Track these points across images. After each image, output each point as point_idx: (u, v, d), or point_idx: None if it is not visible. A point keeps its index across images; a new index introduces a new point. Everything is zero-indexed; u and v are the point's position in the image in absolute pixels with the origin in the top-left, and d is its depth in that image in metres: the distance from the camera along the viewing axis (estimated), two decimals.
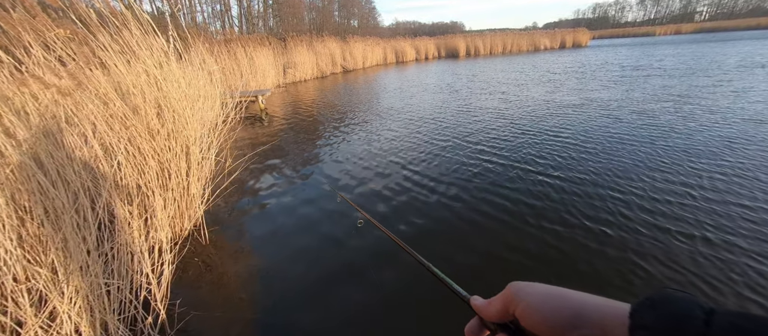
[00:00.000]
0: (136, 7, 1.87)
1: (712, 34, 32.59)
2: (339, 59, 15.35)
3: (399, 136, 4.36)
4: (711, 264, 1.68)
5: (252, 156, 3.63)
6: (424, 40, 24.15)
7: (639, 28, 57.01)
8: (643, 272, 1.65)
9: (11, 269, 1.15)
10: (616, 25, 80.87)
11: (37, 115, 1.45)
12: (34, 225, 1.28)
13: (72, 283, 1.21)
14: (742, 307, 1.43)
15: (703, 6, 71.81)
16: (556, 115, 4.81)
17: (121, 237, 1.48)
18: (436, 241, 2.04)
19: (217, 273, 1.87)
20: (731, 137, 3.44)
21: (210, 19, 18.17)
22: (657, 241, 1.86)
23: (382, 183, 2.89)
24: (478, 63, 16.31)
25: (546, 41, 25.77)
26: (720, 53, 12.44)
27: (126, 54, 1.83)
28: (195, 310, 1.59)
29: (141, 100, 1.84)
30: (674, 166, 2.81)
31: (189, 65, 2.27)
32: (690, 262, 1.70)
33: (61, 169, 1.40)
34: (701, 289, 1.53)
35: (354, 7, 29.21)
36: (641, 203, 2.26)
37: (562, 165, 2.99)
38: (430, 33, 43.22)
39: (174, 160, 1.98)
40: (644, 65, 10.32)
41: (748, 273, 1.60)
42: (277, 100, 8.14)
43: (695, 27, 46.48)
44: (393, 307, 1.55)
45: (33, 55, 1.53)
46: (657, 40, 27.82)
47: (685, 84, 6.65)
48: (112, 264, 1.43)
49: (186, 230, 2.17)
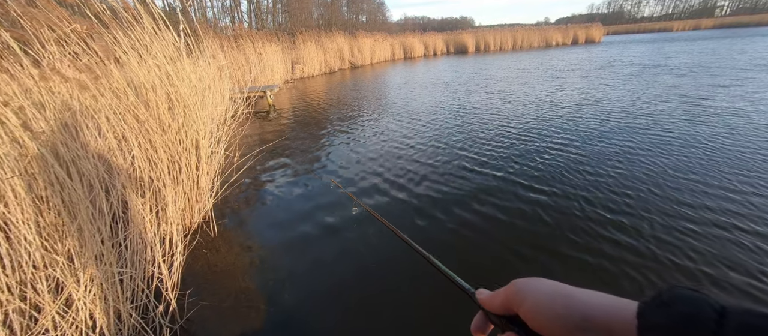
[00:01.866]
0: (150, 3, 1.90)
1: (733, 30, 31.27)
2: (347, 55, 15.33)
3: (406, 132, 4.35)
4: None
5: (260, 151, 3.68)
6: (432, 35, 23.91)
7: (656, 23, 55.07)
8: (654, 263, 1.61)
9: (31, 256, 1.20)
10: (632, 20, 78.37)
11: (54, 108, 1.50)
12: (51, 214, 1.32)
13: (87, 272, 1.25)
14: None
15: (724, 0, 69.02)
16: (571, 115, 4.72)
17: (134, 227, 1.52)
18: (449, 241, 2.04)
19: (225, 265, 1.91)
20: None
21: (220, 14, 18.35)
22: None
23: (389, 179, 2.89)
24: (486, 60, 16.07)
25: (558, 37, 25.19)
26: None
27: (139, 49, 1.87)
28: (204, 300, 1.62)
29: (153, 94, 1.87)
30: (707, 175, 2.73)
31: (199, 60, 2.30)
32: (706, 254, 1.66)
33: (77, 161, 1.44)
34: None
35: (362, 3, 29.08)
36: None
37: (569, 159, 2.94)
38: (439, 28, 42.77)
39: (184, 153, 2.02)
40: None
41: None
42: (285, 96, 8.19)
43: (715, 22, 44.65)
44: (397, 300, 1.56)
45: (50, 50, 1.57)
46: (674, 36, 26.85)
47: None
48: (125, 254, 1.47)
49: (195, 223, 2.21)
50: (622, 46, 18.84)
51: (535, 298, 0.27)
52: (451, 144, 3.73)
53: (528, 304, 0.27)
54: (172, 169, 1.97)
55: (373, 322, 1.47)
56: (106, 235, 1.38)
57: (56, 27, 1.55)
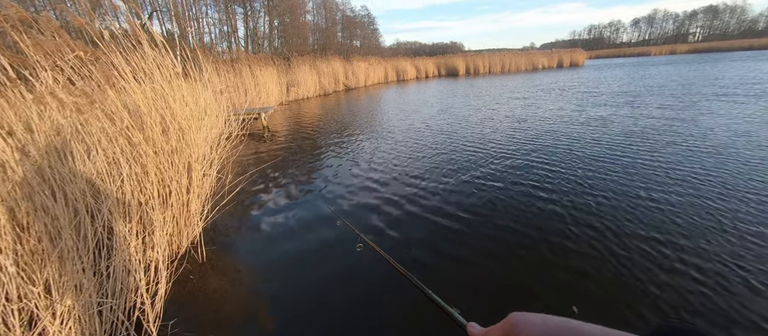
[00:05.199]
0: (152, 29, 1.95)
1: (707, 54, 33.32)
2: (341, 77, 15.73)
3: (397, 154, 4.38)
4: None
5: (253, 173, 3.65)
6: (424, 59, 24.81)
7: (634, 48, 58.40)
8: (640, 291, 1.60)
9: (5, 287, 1.13)
10: (612, 45, 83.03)
11: (43, 131, 1.48)
12: (31, 242, 1.27)
13: (65, 303, 1.19)
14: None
15: (697, 27, 73.94)
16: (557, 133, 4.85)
17: (117, 255, 1.46)
18: (436, 266, 2.01)
19: (211, 293, 1.82)
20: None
21: (217, 39, 18.82)
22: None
23: (381, 204, 2.88)
24: (477, 82, 16.64)
25: (544, 61, 26.40)
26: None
27: (137, 73, 1.89)
28: (188, 331, 1.54)
29: (148, 117, 1.87)
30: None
31: (196, 83, 2.33)
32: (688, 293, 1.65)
33: (63, 185, 1.40)
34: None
35: (357, 29, 30.26)
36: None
37: (576, 182, 2.98)
38: (431, 53, 44.43)
39: (176, 176, 1.99)
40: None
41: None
42: (279, 118, 8.26)
43: (690, 48, 47.58)
44: (391, 332, 1.50)
45: (49, 74, 1.57)
46: (654, 60, 28.43)
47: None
48: (106, 284, 1.40)
49: (183, 247, 2.14)
50: (609, 70, 19.78)
51: (530, 330, 0.27)
52: (441, 164, 3.77)
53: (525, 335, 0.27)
54: (162, 192, 1.93)
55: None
56: (87, 264, 1.32)
57: (58, 52, 1.57)
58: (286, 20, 21.15)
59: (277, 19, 20.95)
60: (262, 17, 20.59)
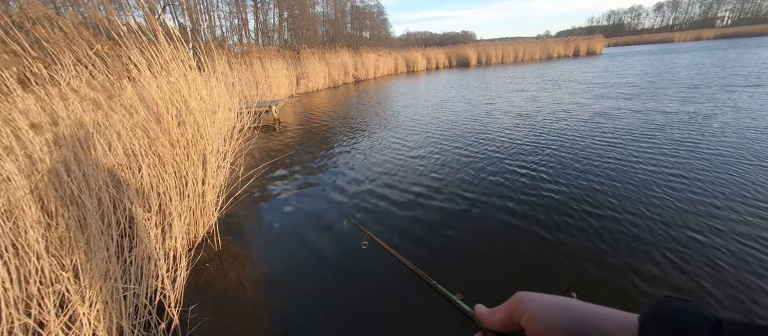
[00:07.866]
0: (167, 23, 1.98)
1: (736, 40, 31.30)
2: (351, 69, 15.65)
3: (406, 146, 4.37)
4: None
5: (265, 165, 3.71)
6: (434, 50, 24.35)
7: (656, 35, 55.45)
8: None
9: (39, 272, 1.21)
10: (633, 32, 79.12)
11: (68, 125, 1.55)
12: (59, 229, 1.34)
13: (93, 288, 1.26)
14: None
15: (725, 11, 69.45)
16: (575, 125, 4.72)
17: (139, 242, 1.53)
18: (445, 257, 2.01)
19: (227, 280, 1.89)
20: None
21: (228, 32, 19.00)
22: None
23: (389, 197, 2.89)
24: (488, 72, 16.26)
25: (559, 49, 25.47)
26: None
27: (153, 67, 1.94)
28: (206, 316, 1.61)
29: (164, 110, 1.93)
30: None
31: (210, 76, 2.37)
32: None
33: (87, 177, 1.47)
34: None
35: (366, 20, 29.90)
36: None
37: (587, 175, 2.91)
38: (441, 43, 43.63)
39: (192, 168, 2.05)
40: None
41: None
42: (289, 110, 8.34)
43: (717, 33, 44.79)
44: (397, 321, 1.52)
45: (69, 69, 1.63)
46: (676, 47, 26.97)
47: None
48: (129, 269, 1.48)
49: (199, 237, 2.22)
50: (626, 58, 18.93)
51: (534, 307, 0.27)
52: (457, 160, 3.73)
53: (529, 314, 0.27)
54: (179, 184, 2.00)
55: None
56: (112, 251, 1.39)
57: (78, 49, 1.63)
58: (296, 12, 21.11)
59: (287, 11, 20.92)
60: (271, 9, 20.61)
